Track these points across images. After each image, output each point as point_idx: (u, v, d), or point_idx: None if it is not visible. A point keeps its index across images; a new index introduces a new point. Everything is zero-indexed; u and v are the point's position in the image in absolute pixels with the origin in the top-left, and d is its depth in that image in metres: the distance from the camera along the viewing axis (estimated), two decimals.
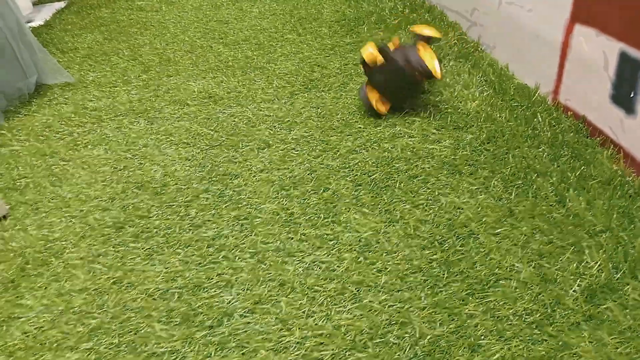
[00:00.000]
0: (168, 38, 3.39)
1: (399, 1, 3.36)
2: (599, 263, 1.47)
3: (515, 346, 1.30)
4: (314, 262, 1.61)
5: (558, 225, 1.61)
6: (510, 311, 1.38)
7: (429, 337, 1.35)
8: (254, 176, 2.01)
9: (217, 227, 1.79)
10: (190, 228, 1.80)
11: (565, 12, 1.99)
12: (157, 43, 3.34)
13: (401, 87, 2.24)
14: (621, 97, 1.79)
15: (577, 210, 1.65)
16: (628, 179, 1.75)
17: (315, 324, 1.41)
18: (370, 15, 3.25)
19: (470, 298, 1.44)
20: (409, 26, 2.55)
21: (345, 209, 1.81)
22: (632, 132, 1.77)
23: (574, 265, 1.48)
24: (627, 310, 1.35)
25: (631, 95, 1.74)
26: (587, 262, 1.49)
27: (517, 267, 1.51)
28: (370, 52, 2.19)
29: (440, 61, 2.21)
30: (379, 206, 1.80)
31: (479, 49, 2.66)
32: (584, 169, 1.80)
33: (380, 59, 2.19)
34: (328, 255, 1.63)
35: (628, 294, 1.39)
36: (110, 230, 1.86)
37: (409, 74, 2.14)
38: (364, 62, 2.24)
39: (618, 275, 1.44)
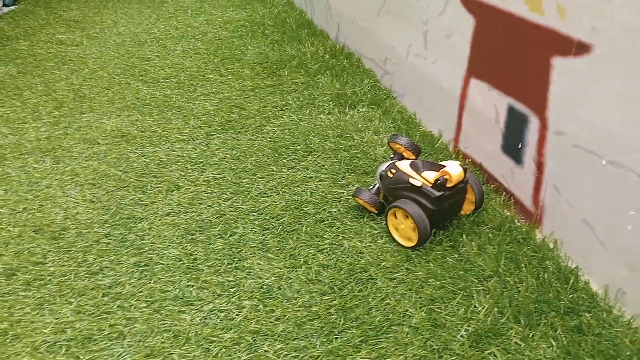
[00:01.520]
0: (86, 74, 3.31)
1: (320, 46, 3.47)
2: (485, 308, 1.54)
3: None
4: (212, 311, 1.58)
5: (450, 270, 1.68)
6: (401, 357, 1.42)
7: None
8: (160, 220, 1.98)
9: (114, 274, 1.73)
10: (87, 275, 1.73)
11: (463, 66, 2.14)
12: (73, 78, 3.25)
13: (457, 210, 1.88)
14: (510, 148, 1.93)
15: (469, 255, 1.73)
16: (517, 224, 1.86)
17: None
18: (292, 59, 3.33)
19: (364, 344, 1.46)
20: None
21: (250, 254, 1.80)
22: (521, 180, 1.89)
23: (463, 310, 1.55)
24: (510, 355, 1.42)
25: (519, 147, 1.88)
26: (475, 306, 1.56)
27: (410, 312, 1.55)
28: (461, 170, 1.75)
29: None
30: (284, 251, 1.81)
31: (391, 96, 2.79)
32: (477, 214, 1.90)
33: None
34: (228, 304, 1.61)
35: (511, 339, 1.46)
36: (1, 278, 1.75)
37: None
38: (439, 184, 1.72)
39: (503, 320, 1.51)
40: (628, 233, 1.47)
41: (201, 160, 2.35)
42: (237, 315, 1.57)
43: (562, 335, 1.45)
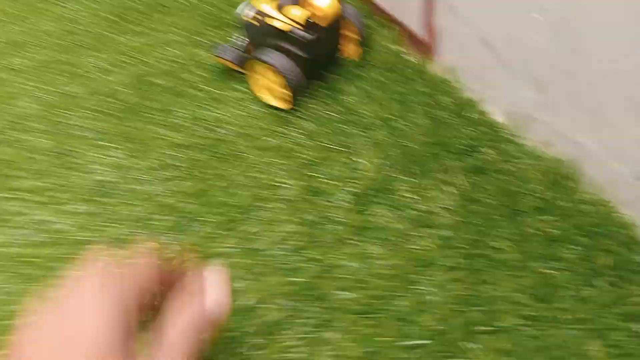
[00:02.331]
0: None
1: None
2: (371, 162, 1.26)
3: (270, 283, 1.07)
4: (25, 227, 1.22)
5: (330, 125, 1.37)
6: (271, 238, 1.14)
7: None
8: None
9: None
10: None
11: None
12: None
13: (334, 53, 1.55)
14: None
15: (352, 105, 1.41)
16: (409, 59, 1.54)
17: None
18: None
19: (229, 232, 1.17)
20: None
21: (82, 146, 1.41)
22: (409, 5, 1.53)
23: (345, 169, 1.26)
24: (399, 211, 1.17)
25: None
26: (359, 162, 1.27)
27: (285, 183, 1.25)
28: (335, 2, 1.39)
29: None
30: (126, 135, 1.43)
31: None
32: (361, 55, 1.55)
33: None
34: (49, 213, 1.24)
35: (401, 193, 1.20)
36: None
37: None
38: (310, 24, 1.38)
39: (392, 174, 1.24)
40: (530, 41, 1.18)
41: (16, 41, 1.83)
42: (61, 225, 1.21)
43: (460, 180, 1.21)
